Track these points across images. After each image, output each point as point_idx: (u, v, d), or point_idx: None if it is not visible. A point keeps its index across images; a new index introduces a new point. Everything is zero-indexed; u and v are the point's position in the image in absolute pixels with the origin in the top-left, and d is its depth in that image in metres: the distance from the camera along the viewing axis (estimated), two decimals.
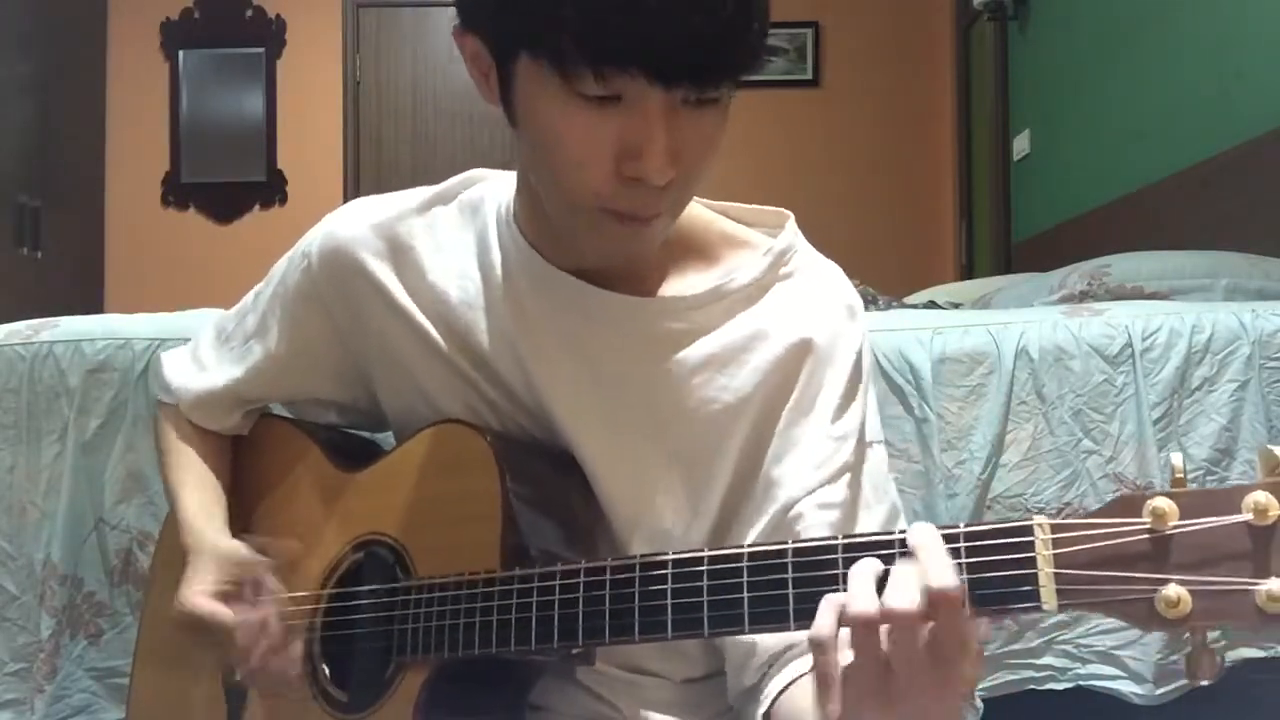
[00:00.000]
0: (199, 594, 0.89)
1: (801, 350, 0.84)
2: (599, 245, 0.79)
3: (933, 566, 0.58)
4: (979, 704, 1.35)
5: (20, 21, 3.96)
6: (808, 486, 0.81)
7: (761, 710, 0.79)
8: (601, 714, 0.88)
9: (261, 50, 4.80)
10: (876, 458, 0.86)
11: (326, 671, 0.88)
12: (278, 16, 4.82)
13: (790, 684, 0.78)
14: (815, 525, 0.80)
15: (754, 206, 0.93)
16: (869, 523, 0.83)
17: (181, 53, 4.78)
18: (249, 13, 4.81)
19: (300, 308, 0.95)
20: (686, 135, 0.72)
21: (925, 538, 0.60)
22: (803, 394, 0.84)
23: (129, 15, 4.75)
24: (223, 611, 0.88)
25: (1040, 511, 1.40)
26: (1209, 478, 1.42)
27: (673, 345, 0.85)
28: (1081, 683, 1.38)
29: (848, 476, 0.83)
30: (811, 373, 0.84)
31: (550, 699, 0.88)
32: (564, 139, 0.72)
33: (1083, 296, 1.98)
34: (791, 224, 0.90)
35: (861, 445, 0.84)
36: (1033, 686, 1.38)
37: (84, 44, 4.57)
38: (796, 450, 0.83)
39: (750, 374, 0.84)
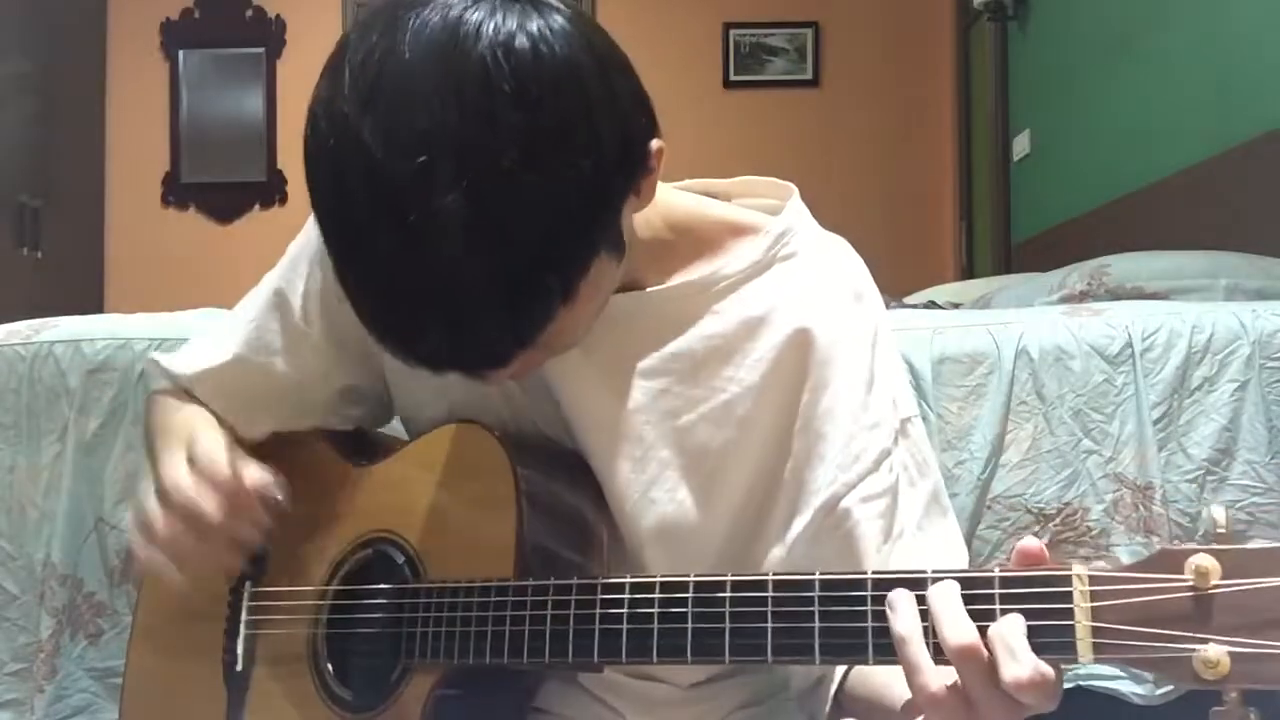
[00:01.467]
0: (225, 446, 0.84)
1: (802, 342, 0.83)
2: None
3: (944, 628, 0.59)
4: None
5: (20, 21, 3.95)
6: (849, 482, 0.80)
7: (833, 689, 0.79)
8: (606, 718, 0.88)
9: (261, 50, 4.79)
10: (915, 433, 0.85)
11: (330, 668, 0.88)
12: (278, 16, 4.81)
13: None
14: (865, 518, 0.80)
15: (760, 179, 0.91)
16: (913, 502, 0.82)
17: (181, 53, 4.78)
18: (249, 13, 4.81)
19: (324, 281, 0.91)
20: (521, 358, 0.70)
21: (937, 602, 0.60)
22: (816, 388, 0.82)
23: (129, 15, 4.75)
24: (200, 492, 0.80)
25: (1040, 511, 1.40)
26: (1209, 478, 1.41)
27: (673, 335, 0.84)
28: (1081, 683, 1.38)
29: (888, 461, 0.81)
30: (820, 366, 0.82)
31: (554, 703, 0.88)
32: None
33: (1083, 296, 1.98)
34: (794, 201, 0.89)
35: (895, 426, 0.83)
36: None
37: (84, 44, 4.57)
38: (827, 446, 0.81)
39: (754, 365, 0.83)
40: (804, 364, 0.83)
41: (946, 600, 0.60)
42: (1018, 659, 0.57)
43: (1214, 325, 1.46)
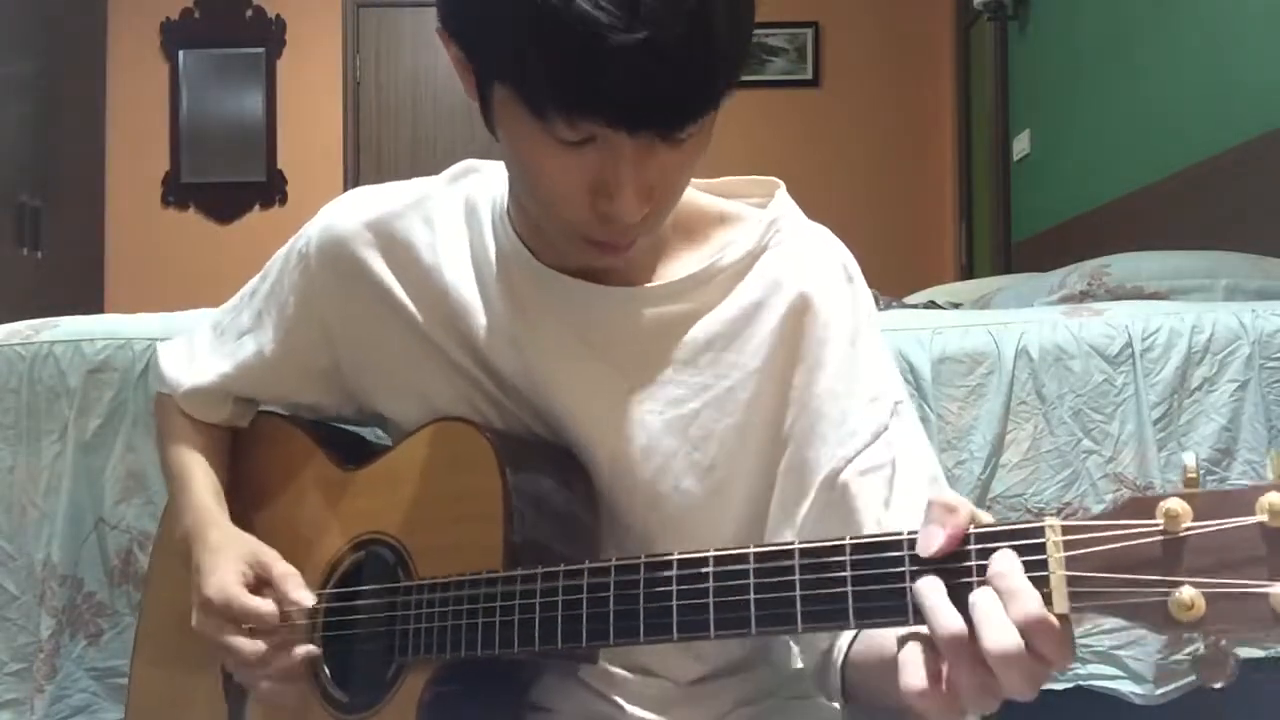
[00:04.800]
0: (234, 583, 0.88)
1: (800, 310, 0.84)
2: (581, 261, 0.82)
3: (1024, 598, 0.56)
4: None
5: (20, 21, 3.96)
6: (846, 456, 0.81)
7: (839, 661, 0.80)
8: (604, 713, 0.88)
9: (261, 50, 4.80)
10: (906, 415, 0.86)
11: (327, 671, 0.88)
12: (278, 16, 4.82)
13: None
14: (864, 491, 0.80)
15: (744, 178, 0.92)
16: (912, 479, 0.82)
17: (181, 53, 4.78)
18: (249, 13, 4.81)
19: (295, 309, 0.95)
20: (660, 171, 0.72)
21: (1006, 565, 0.58)
22: (812, 368, 0.84)
23: (129, 15, 4.75)
24: (260, 603, 0.86)
25: (1041, 512, 1.40)
26: (1209, 478, 1.41)
27: (674, 328, 0.85)
28: (1081, 683, 1.38)
29: (885, 436, 0.82)
30: (816, 346, 0.84)
31: (553, 698, 0.88)
32: (539, 174, 0.73)
33: (1083, 296, 1.98)
34: (781, 192, 0.90)
35: (890, 405, 0.84)
36: None
37: (84, 44, 4.57)
38: (826, 424, 0.83)
39: (757, 348, 0.84)
40: (799, 336, 0.84)
41: (1008, 564, 0.57)
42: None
43: (1214, 325, 1.46)
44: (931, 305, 2.47)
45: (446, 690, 0.81)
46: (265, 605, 0.86)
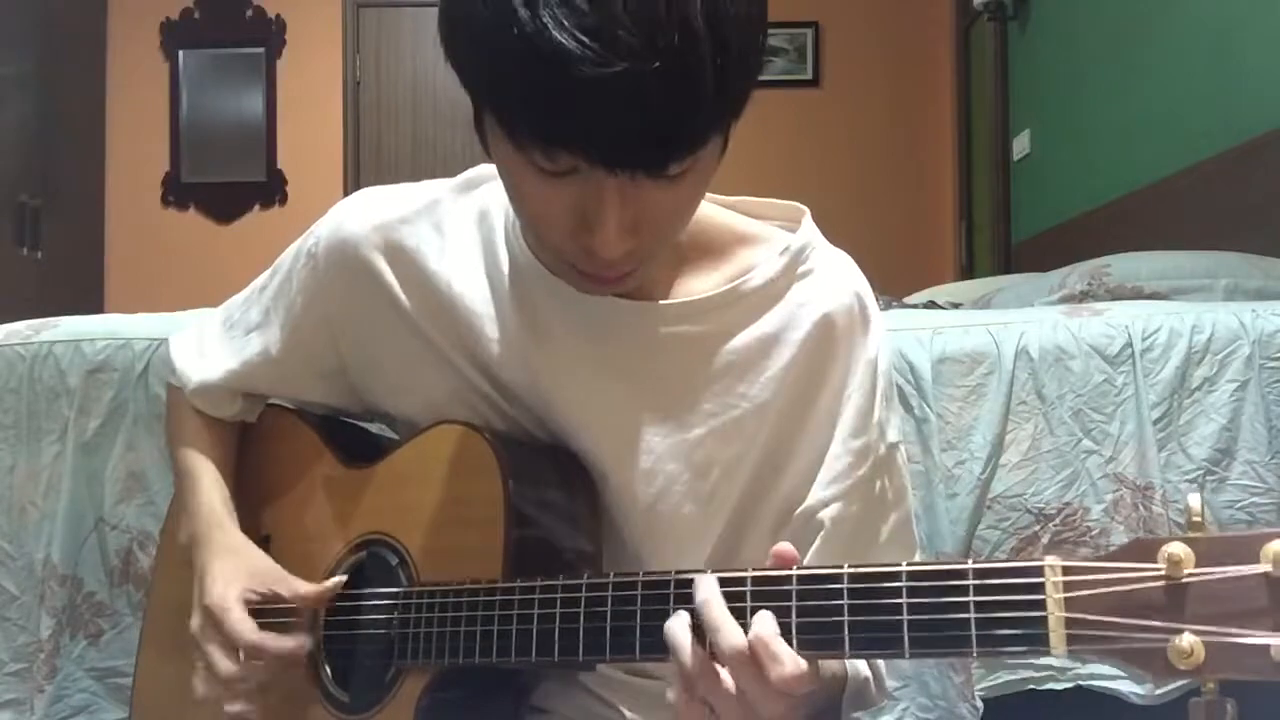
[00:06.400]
0: (234, 596, 0.86)
1: (815, 349, 0.83)
2: (574, 287, 0.80)
3: (715, 634, 0.63)
4: (979, 704, 1.35)
5: (20, 21, 3.95)
6: (824, 499, 0.83)
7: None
8: (603, 716, 0.88)
9: (261, 50, 4.80)
10: (898, 461, 0.86)
11: (329, 670, 0.88)
12: (278, 16, 4.82)
13: None
14: (830, 538, 0.82)
15: (769, 200, 0.91)
16: (882, 530, 0.84)
17: (181, 53, 4.78)
18: (249, 13, 4.81)
19: (302, 309, 0.94)
20: (647, 206, 0.70)
21: (702, 593, 0.65)
22: (821, 399, 0.84)
23: (129, 15, 4.75)
24: (251, 633, 0.84)
25: (1040, 511, 1.40)
26: (1209, 478, 1.42)
27: (689, 350, 0.84)
28: (1081, 683, 1.38)
29: (863, 489, 0.83)
30: (828, 376, 0.84)
31: (553, 701, 0.88)
32: (524, 201, 0.73)
33: (1083, 296, 1.98)
34: (808, 219, 0.89)
35: (877, 454, 0.85)
36: (1032, 686, 1.38)
37: (84, 44, 4.57)
38: (814, 460, 0.83)
39: (768, 381, 0.83)
40: (811, 380, 0.84)
41: (711, 604, 0.64)
42: (781, 660, 0.62)
43: (1214, 325, 1.46)
44: (931, 305, 2.46)
45: (444, 696, 0.80)
46: (254, 636, 0.84)
